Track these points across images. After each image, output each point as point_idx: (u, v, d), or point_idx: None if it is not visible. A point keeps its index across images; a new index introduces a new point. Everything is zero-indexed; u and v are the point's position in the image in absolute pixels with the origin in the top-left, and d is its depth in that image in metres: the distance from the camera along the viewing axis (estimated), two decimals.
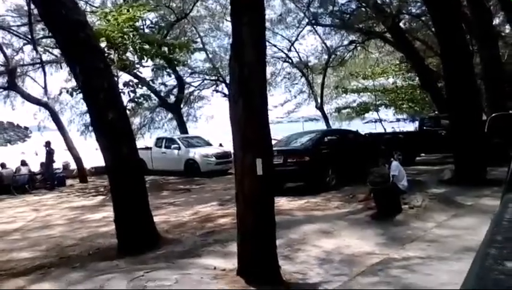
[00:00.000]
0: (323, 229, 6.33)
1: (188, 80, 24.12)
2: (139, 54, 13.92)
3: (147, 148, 17.36)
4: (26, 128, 18.76)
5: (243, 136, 4.06)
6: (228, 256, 5.00)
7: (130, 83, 13.58)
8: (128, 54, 14.30)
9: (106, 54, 13.54)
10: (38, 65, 17.99)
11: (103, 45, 13.51)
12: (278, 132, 19.46)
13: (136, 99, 14.30)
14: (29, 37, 16.25)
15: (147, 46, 13.80)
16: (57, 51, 16.24)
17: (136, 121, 25.35)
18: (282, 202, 8.96)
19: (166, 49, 14.02)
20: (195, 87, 24.69)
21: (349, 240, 5.78)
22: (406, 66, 22.53)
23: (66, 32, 5.69)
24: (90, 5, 17.10)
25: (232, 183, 4.83)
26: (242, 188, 4.22)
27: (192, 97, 26.34)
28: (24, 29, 16.77)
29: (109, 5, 17.85)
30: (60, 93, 14.49)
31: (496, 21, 17.81)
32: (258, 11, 4.09)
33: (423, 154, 15.51)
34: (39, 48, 16.98)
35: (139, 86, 14.31)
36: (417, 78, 20.33)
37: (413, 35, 17.88)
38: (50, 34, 13.63)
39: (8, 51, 15.94)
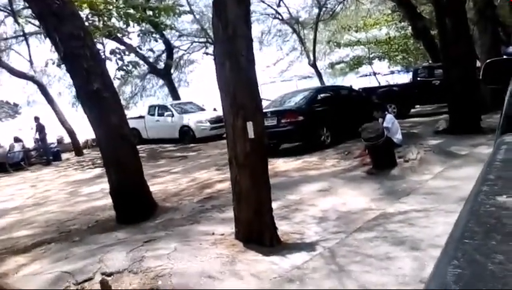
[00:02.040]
0: (319, 188, 6.34)
1: (177, 43, 23.52)
2: (124, 20, 13.48)
3: (140, 117, 17.18)
4: (15, 104, 18.40)
5: (231, 100, 3.94)
6: (226, 221, 5.01)
7: (117, 50, 13.25)
8: (114, 20, 13.88)
9: (91, 21, 13.20)
10: (21, 38, 17.43)
11: (86, 12, 13.10)
12: (272, 93, 19.26)
13: (124, 67, 14.01)
14: (9, 8, 15.62)
15: (131, 11, 13.33)
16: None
17: (127, 90, 25.06)
18: (278, 164, 8.97)
19: (151, 12, 13.49)
20: (185, 50, 24.10)
21: (346, 197, 5.80)
22: (398, 15, 21.97)
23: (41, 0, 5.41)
24: None
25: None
26: (234, 153, 4.15)
27: (182, 61, 25.84)
28: (4, 0, 16.10)
29: None
30: (46, 65, 14.18)
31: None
32: None
33: (418, 106, 15.42)
34: (20, 20, 16.37)
35: (127, 53, 13.96)
36: (410, 28, 19.88)
37: None
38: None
39: None
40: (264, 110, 10.99)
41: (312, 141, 9.75)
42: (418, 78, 14.04)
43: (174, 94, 20.05)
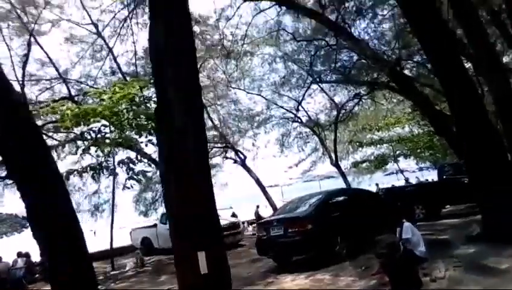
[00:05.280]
0: None
1: None
2: (136, 130, 13.62)
3: (153, 225, 16.49)
4: (24, 217, 18.24)
5: (176, 221, 3.15)
6: None
7: (125, 161, 13.13)
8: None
9: (103, 134, 13.39)
10: None
11: (99, 124, 13.38)
12: (292, 194, 18.38)
13: (134, 177, 13.78)
14: None
15: (143, 122, 13.51)
16: None
17: (148, 196, 24.81)
18: (286, 282, 7.79)
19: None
20: None
21: None
22: (418, 113, 21.60)
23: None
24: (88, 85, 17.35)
25: (242, 259, 3.90)
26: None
27: None
28: None
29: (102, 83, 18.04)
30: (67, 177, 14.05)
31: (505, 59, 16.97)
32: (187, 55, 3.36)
33: (448, 206, 14.00)
34: None
35: (136, 161, 13.85)
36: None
37: (420, 82, 17.13)
38: None
39: None
40: (271, 218, 10.16)
41: (325, 253, 8.54)
42: (444, 176, 12.94)
43: None
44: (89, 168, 12.22)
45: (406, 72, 18.06)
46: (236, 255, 11.86)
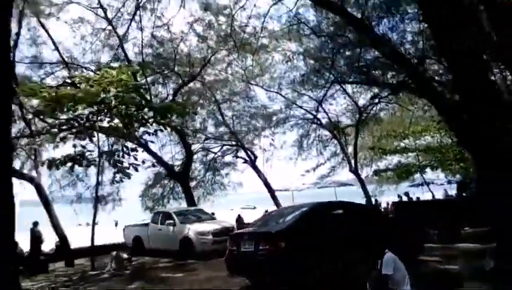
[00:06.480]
0: None
1: (206, 145, 22.83)
2: (125, 120, 12.71)
3: (145, 224, 15.59)
4: None
5: None
6: None
7: (108, 152, 12.23)
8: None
9: (92, 121, 12.54)
10: None
11: (87, 111, 12.53)
12: (304, 200, 16.97)
13: (123, 170, 12.87)
14: None
15: (133, 111, 12.57)
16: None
17: (156, 191, 24.00)
18: None
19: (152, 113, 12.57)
20: (214, 153, 23.18)
21: None
22: None
23: None
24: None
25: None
26: None
27: (216, 164, 24.83)
28: None
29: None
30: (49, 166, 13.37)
31: None
32: None
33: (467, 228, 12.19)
34: None
35: (127, 154, 12.91)
36: None
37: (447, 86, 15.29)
38: None
39: None
40: (241, 231, 8.87)
41: (296, 282, 6.80)
42: (464, 193, 11.21)
43: (190, 199, 18.47)
44: (66, 159, 11.36)
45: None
46: (219, 265, 10.57)
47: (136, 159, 12.34)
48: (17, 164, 15.34)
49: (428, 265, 8.44)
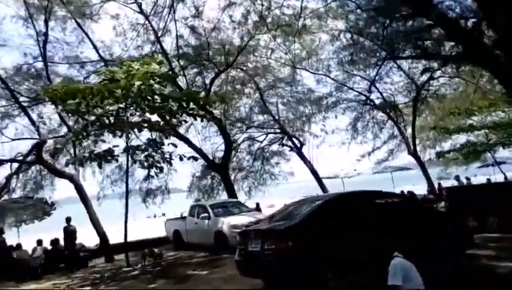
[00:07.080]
0: None
1: (251, 135, 22.23)
2: (149, 112, 12.43)
3: (183, 217, 15.36)
4: (52, 203, 18.49)
5: None
6: None
7: (132, 147, 11.95)
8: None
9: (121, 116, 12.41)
10: None
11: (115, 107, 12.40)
12: (356, 187, 15.78)
13: (150, 165, 12.65)
14: None
15: (156, 103, 12.22)
16: None
17: (205, 183, 23.91)
18: None
19: (176, 104, 12.10)
20: (260, 142, 22.50)
21: None
22: None
23: None
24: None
25: None
26: None
27: (265, 153, 24.17)
28: None
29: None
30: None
31: None
32: None
33: None
34: None
35: (155, 148, 12.66)
36: None
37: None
38: None
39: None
40: (249, 228, 8.01)
41: (305, 284, 5.81)
42: None
43: (230, 191, 17.96)
44: (93, 156, 11.30)
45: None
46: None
47: (165, 153, 11.97)
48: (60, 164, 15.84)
49: (477, 261, 7.08)
